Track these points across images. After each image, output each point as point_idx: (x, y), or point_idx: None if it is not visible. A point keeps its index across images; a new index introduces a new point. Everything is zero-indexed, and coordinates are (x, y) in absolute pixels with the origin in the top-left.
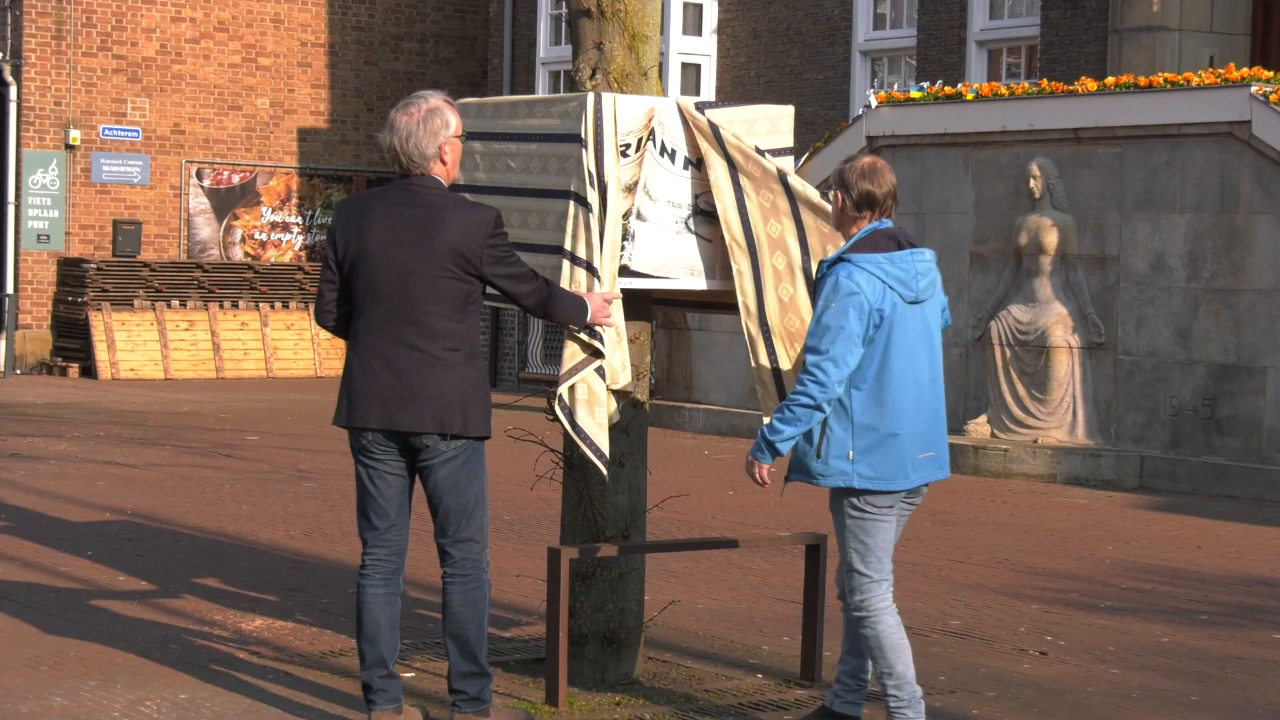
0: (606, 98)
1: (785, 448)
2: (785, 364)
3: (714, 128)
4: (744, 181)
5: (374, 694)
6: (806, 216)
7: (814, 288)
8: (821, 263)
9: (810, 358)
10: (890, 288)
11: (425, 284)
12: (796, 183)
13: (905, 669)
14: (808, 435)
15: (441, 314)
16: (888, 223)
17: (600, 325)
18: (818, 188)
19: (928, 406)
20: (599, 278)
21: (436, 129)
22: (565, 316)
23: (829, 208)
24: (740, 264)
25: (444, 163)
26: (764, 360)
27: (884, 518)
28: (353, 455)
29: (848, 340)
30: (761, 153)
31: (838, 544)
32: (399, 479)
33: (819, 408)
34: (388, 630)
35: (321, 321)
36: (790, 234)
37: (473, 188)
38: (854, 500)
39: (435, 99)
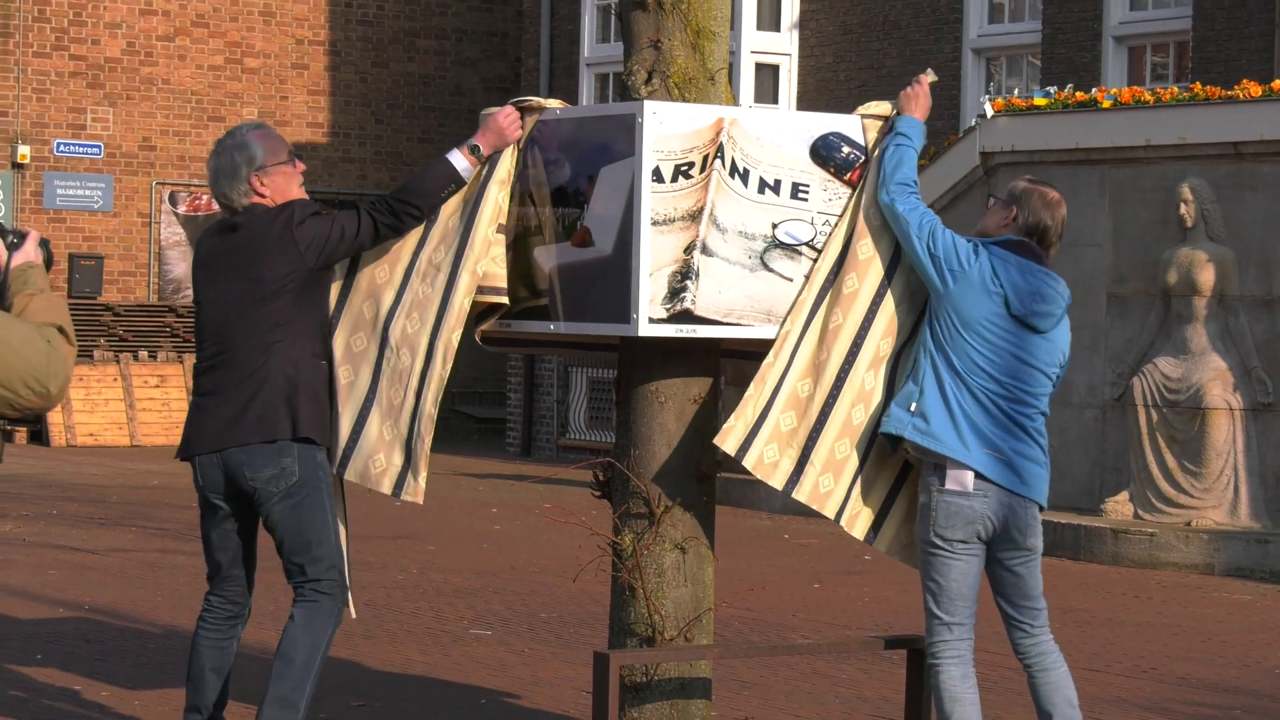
0: (648, 108)
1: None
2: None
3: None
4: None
5: None
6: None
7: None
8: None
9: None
10: (1001, 289)
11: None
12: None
13: None
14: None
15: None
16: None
17: (494, 138)
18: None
19: (1014, 425)
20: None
21: (238, 167)
22: (433, 187)
23: None
24: (862, 283)
25: (261, 196)
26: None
27: (958, 556)
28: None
29: (932, 223)
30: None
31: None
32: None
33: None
34: (210, 676)
35: None
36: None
37: None
38: (927, 534)
39: (242, 133)
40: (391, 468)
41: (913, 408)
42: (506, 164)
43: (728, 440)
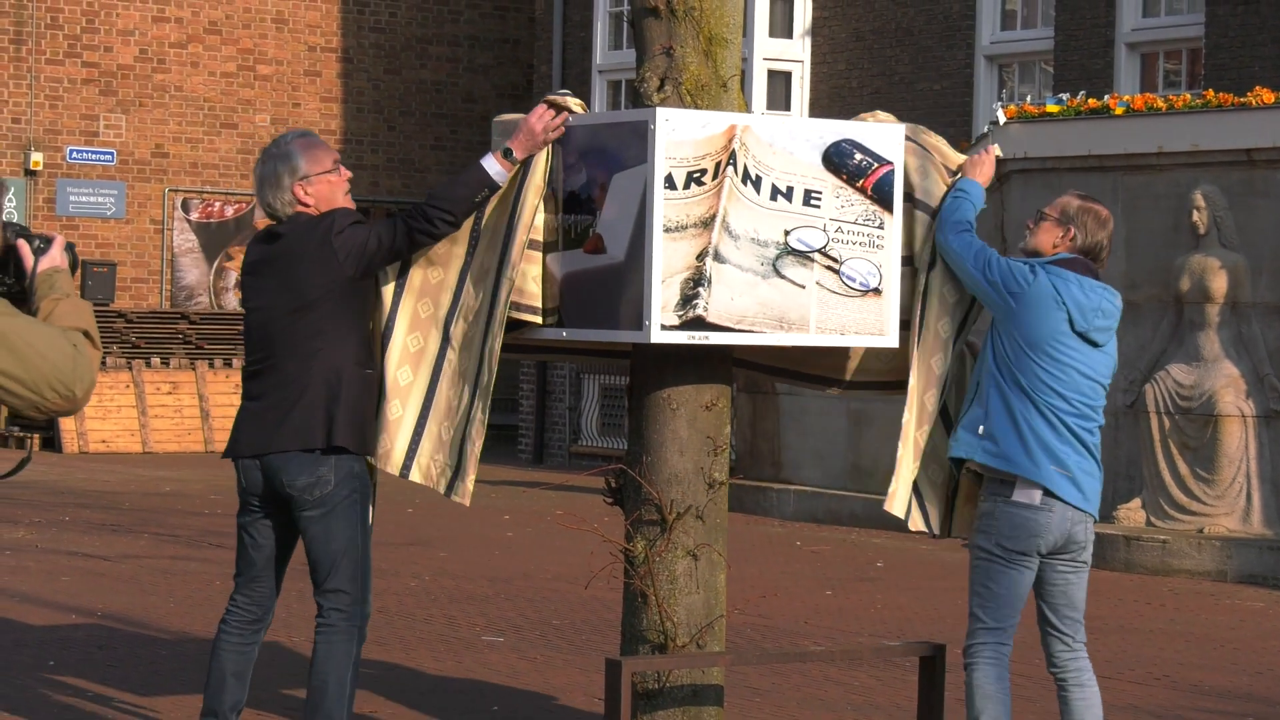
0: (660, 114)
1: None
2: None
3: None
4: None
5: None
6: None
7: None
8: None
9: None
10: (1064, 307)
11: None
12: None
13: None
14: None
15: None
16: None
17: (528, 142)
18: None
19: (1077, 438)
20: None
21: (281, 177)
22: (465, 192)
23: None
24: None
25: (306, 205)
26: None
27: (1014, 566)
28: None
29: (987, 253)
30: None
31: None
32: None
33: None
34: (231, 680)
35: None
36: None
37: None
38: (989, 543)
39: (287, 142)
40: (447, 468)
41: (980, 431)
42: (541, 168)
43: (894, 506)
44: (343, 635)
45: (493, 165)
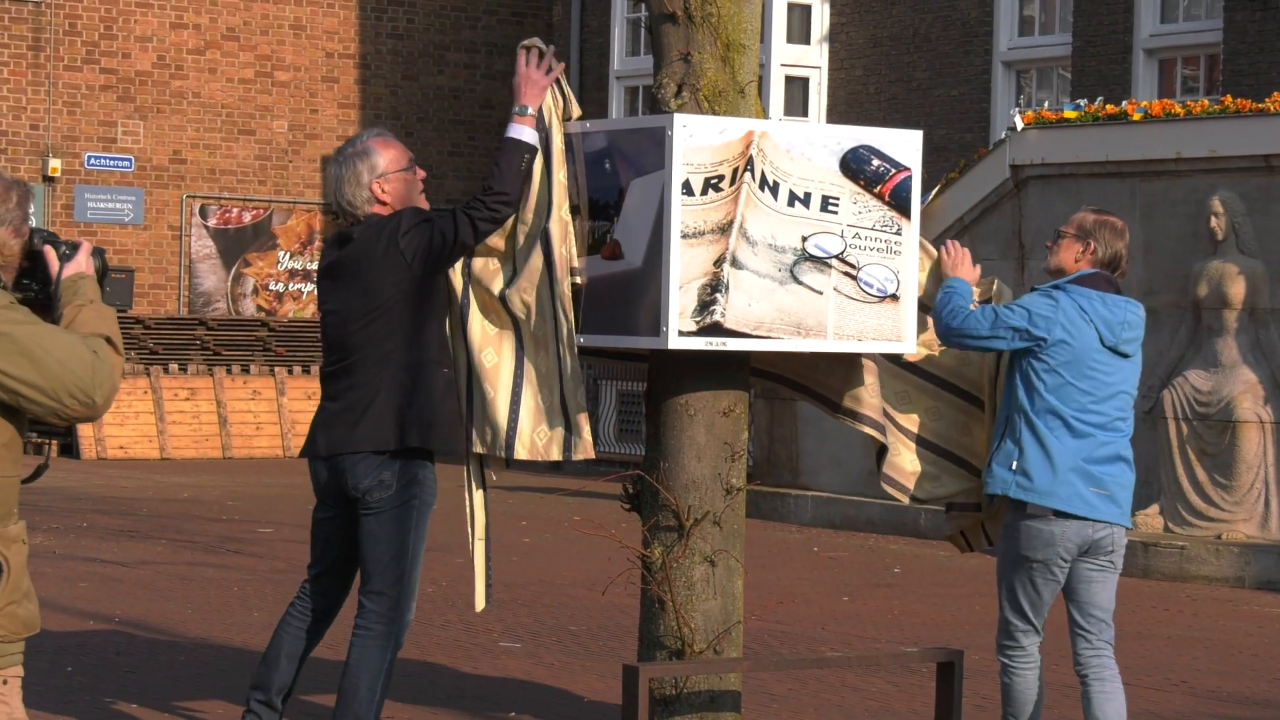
0: (678, 121)
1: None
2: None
3: None
4: None
5: (246, 714)
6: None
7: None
8: (1034, 287)
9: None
10: (1093, 324)
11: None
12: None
13: None
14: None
15: None
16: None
17: (535, 91)
18: (947, 230)
19: (1110, 450)
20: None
21: (360, 174)
22: (512, 170)
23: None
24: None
25: (383, 203)
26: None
27: (1038, 573)
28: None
29: (992, 312)
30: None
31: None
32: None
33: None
34: (284, 661)
35: None
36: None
37: None
38: (1015, 552)
39: (364, 140)
40: (556, 434)
41: (1014, 466)
42: (555, 121)
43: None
44: (378, 640)
45: (521, 130)
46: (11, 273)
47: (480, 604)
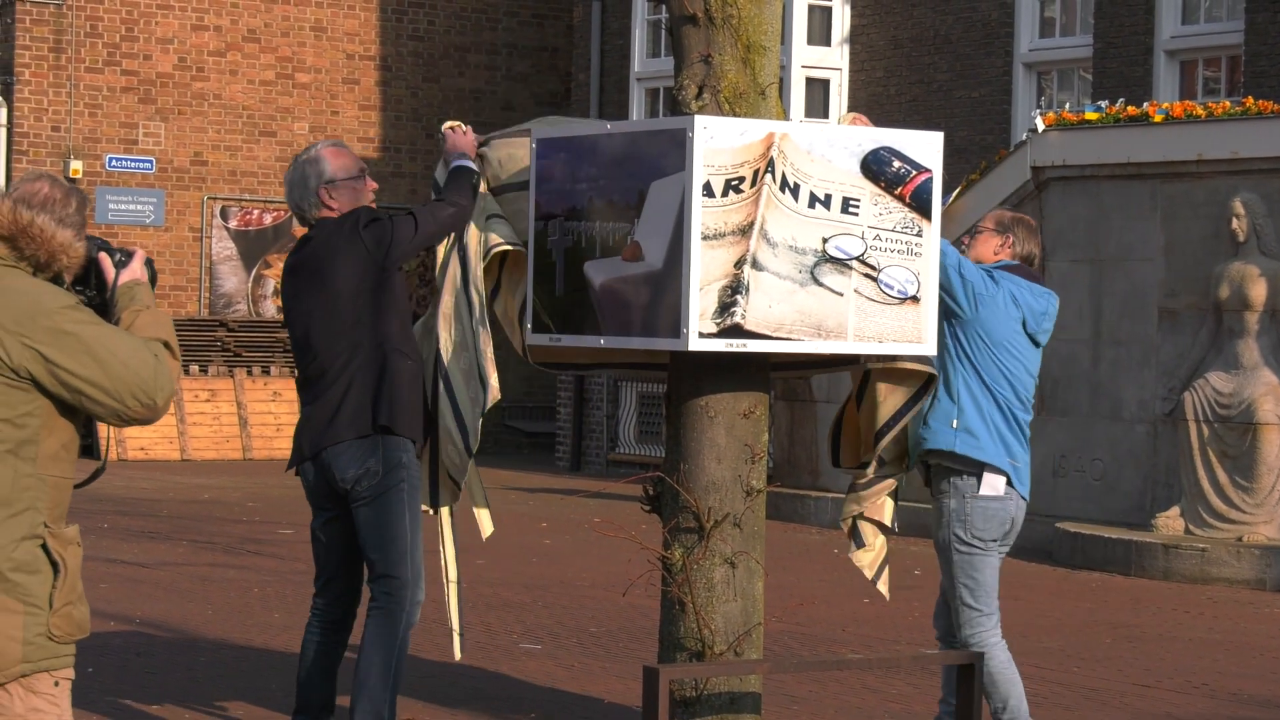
0: (699, 122)
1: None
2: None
3: None
4: None
5: None
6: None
7: None
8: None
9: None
10: (1020, 309)
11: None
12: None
13: (1019, 703)
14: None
15: None
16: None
17: (466, 146)
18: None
19: (1019, 426)
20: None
21: (308, 180)
22: (463, 187)
23: None
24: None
25: (330, 209)
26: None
27: (990, 553)
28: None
29: (964, 259)
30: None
31: (945, 584)
32: None
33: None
34: (317, 679)
35: None
36: None
37: None
38: (965, 536)
39: (317, 149)
40: (481, 390)
41: (955, 424)
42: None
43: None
44: (390, 618)
45: (464, 159)
46: (71, 276)
47: (459, 654)
